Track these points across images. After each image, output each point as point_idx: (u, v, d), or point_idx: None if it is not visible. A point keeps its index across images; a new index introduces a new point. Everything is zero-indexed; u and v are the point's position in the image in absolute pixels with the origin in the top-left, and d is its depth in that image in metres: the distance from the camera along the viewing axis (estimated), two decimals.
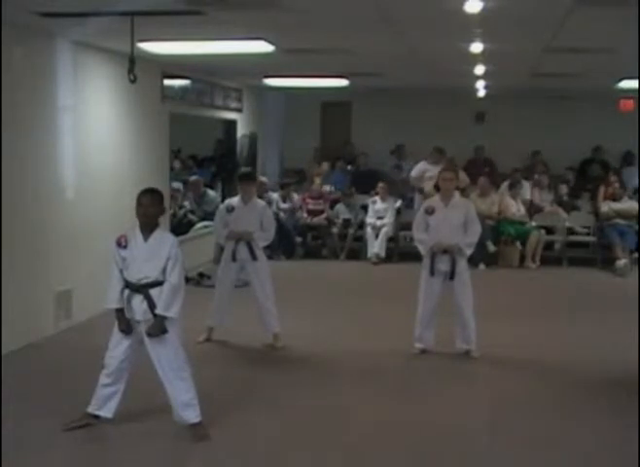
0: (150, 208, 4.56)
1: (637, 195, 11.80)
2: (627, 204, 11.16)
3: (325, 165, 12.99)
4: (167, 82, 9.34)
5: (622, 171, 12.78)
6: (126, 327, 4.61)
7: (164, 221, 5.88)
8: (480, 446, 4.64)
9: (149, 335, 4.53)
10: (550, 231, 11.39)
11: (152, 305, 4.50)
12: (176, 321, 4.58)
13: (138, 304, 4.54)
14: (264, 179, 11.69)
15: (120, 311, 4.61)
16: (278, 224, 8.02)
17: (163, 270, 4.51)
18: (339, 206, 11.89)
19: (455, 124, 13.59)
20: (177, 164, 12.62)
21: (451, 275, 6.27)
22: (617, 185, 11.32)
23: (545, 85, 11.37)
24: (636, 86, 10.22)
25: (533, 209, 11.60)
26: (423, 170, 11.32)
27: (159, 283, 4.51)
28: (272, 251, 9.96)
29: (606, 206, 11.18)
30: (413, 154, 13.27)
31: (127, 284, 4.57)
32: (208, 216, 10.30)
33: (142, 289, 4.52)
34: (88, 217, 7.41)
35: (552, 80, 10.56)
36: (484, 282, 8.37)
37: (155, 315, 4.50)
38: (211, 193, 11.54)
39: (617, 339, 6.91)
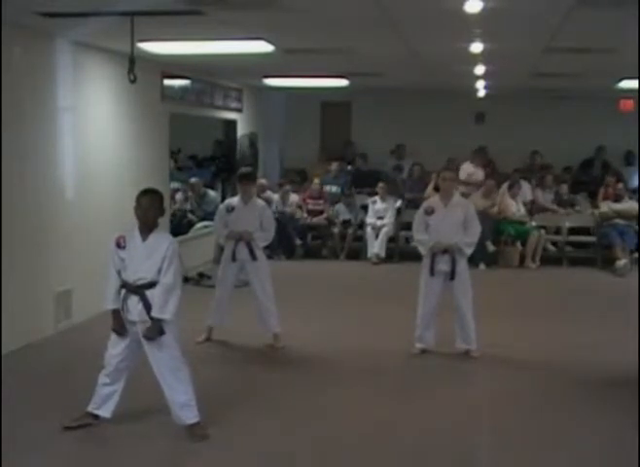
0: (149, 211, 4.53)
1: (637, 195, 11.80)
2: (627, 204, 11.16)
3: (335, 165, 12.94)
4: (167, 82, 9.34)
5: (622, 172, 12.78)
6: (120, 328, 4.61)
7: (164, 221, 5.88)
8: (479, 446, 4.64)
9: (147, 338, 4.51)
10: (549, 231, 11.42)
11: (147, 307, 4.48)
12: (173, 322, 4.56)
13: (134, 304, 4.53)
14: (263, 181, 11.67)
15: (116, 312, 4.61)
16: (278, 224, 8.02)
17: (160, 271, 4.48)
18: (339, 206, 11.88)
19: (455, 124, 13.59)
20: (170, 165, 12.54)
21: (451, 275, 6.27)
22: (619, 186, 11.33)
23: (545, 85, 11.36)
24: (636, 86, 10.21)
25: (535, 209, 11.60)
26: (470, 173, 11.54)
27: (155, 284, 4.49)
28: (272, 251, 9.97)
29: (606, 206, 11.19)
30: (413, 154, 13.30)
31: (124, 285, 4.56)
32: (208, 216, 10.30)
33: (138, 290, 4.51)
34: (88, 217, 7.41)
35: (552, 80, 10.55)
36: (484, 282, 8.37)
37: (151, 317, 4.49)
38: (211, 193, 11.54)
39: (617, 339, 6.90)
